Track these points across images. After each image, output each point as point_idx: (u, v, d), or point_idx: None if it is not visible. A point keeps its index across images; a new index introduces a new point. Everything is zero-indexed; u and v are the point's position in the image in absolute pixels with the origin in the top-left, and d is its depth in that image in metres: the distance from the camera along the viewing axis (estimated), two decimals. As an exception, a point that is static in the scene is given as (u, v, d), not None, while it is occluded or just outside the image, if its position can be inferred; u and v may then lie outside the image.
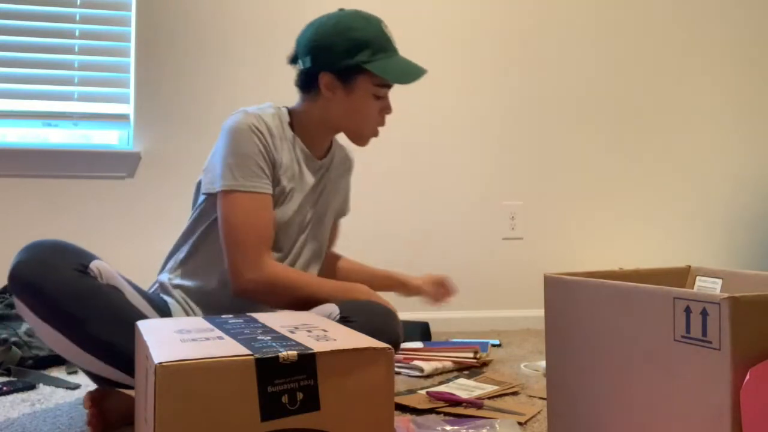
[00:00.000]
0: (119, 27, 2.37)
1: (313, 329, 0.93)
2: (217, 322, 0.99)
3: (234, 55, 2.41)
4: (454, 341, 2.13)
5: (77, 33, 2.34)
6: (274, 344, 0.82)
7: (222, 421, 0.74)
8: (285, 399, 0.77)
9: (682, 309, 0.82)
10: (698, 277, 1.17)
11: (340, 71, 1.42)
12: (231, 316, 1.06)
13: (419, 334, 2.16)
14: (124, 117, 2.36)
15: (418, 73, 1.45)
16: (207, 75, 2.39)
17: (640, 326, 0.88)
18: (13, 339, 1.74)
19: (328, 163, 1.56)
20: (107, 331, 1.19)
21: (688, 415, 0.81)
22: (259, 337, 0.86)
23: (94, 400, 1.23)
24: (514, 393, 1.52)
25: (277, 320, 1.01)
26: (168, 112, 2.36)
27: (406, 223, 2.53)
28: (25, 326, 1.80)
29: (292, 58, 1.50)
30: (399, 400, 1.40)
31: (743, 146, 2.79)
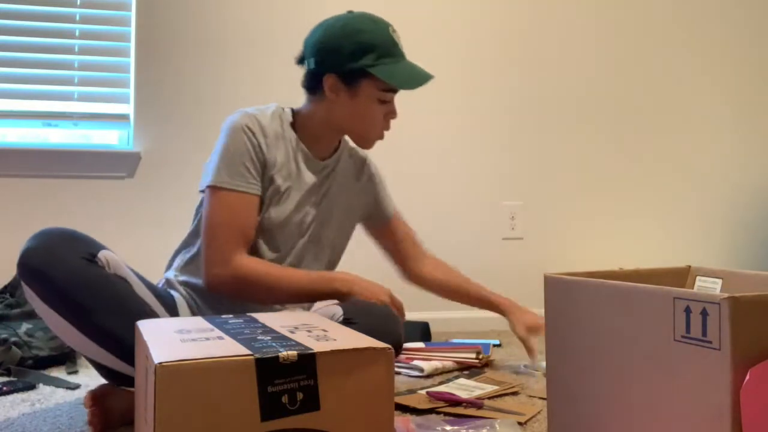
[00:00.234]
0: (119, 27, 2.37)
1: (313, 329, 0.93)
2: (217, 322, 0.99)
3: (234, 55, 2.41)
4: (455, 341, 2.13)
5: (77, 33, 2.34)
6: (274, 344, 0.82)
7: (222, 421, 0.74)
8: (285, 399, 0.77)
9: (682, 309, 0.82)
10: (698, 277, 1.17)
11: (345, 74, 1.42)
12: (231, 316, 1.06)
13: (419, 334, 2.16)
14: (124, 117, 2.36)
15: (423, 78, 1.45)
16: (207, 75, 2.39)
17: (640, 326, 0.88)
18: (13, 339, 1.74)
19: (334, 164, 1.55)
20: (112, 321, 1.19)
21: (688, 415, 0.81)
22: (259, 337, 0.86)
23: (95, 399, 1.23)
24: (514, 393, 1.52)
25: (277, 320, 1.01)
26: (168, 112, 2.36)
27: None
28: (25, 326, 1.80)
29: (299, 59, 1.50)
30: (399, 400, 1.40)
31: (743, 146, 2.79)
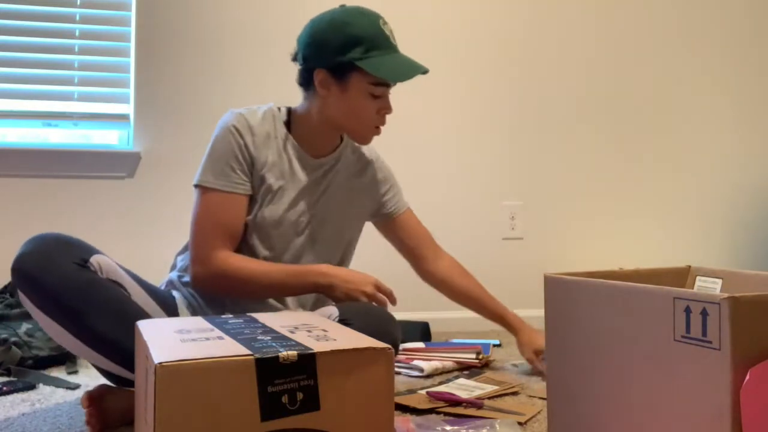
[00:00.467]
0: (119, 27, 2.37)
1: (313, 329, 0.93)
2: (217, 322, 0.99)
3: (234, 55, 2.41)
4: (455, 341, 2.13)
5: (77, 33, 2.34)
6: (274, 344, 0.82)
7: (222, 421, 0.74)
8: (285, 399, 0.77)
9: (682, 309, 0.82)
10: (698, 277, 1.17)
11: (334, 68, 1.40)
12: (231, 316, 1.06)
13: (419, 334, 2.16)
14: (124, 117, 2.36)
15: (412, 71, 1.41)
16: (207, 75, 2.39)
17: (640, 326, 0.88)
18: (13, 339, 1.74)
19: (333, 162, 1.53)
20: (106, 325, 1.20)
21: (688, 415, 0.81)
22: (259, 337, 0.86)
23: (93, 400, 1.23)
24: (514, 393, 1.52)
25: (277, 320, 1.01)
26: (168, 112, 2.36)
27: (406, 223, 2.52)
28: (25, 326, 1.80)
29: (293, 56, 1.50)
30: (399, 400, 1.40)
31: (743, 146, 2.79)
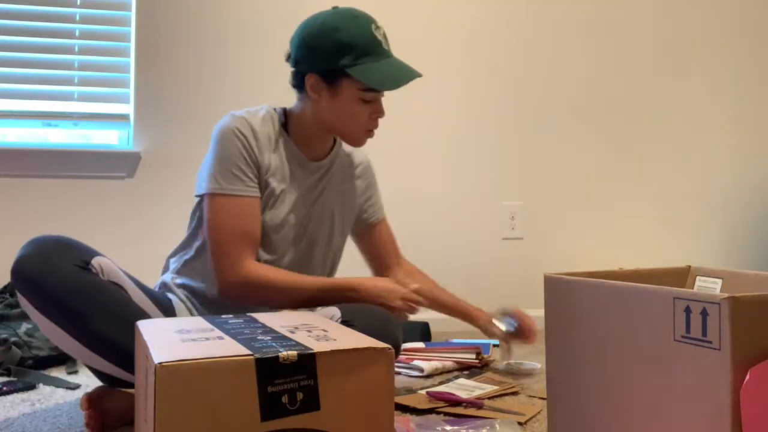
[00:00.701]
0: (119, 27, 2.37)
1: (313, 329, 0.93)
2: (217, 322, 0.99)
3: (234, 55, 2.41)
4: (455, 341, 2.13)
5: (77, 33, 2.34)
6: (274, 344, 0.82)
7: (222, 421, 0.74)
8: (285, 399, 0.77)
9: (682, 309, 0.82)
10: (698, 277, 1.17)
11: (325, 74, 1.39)
12: (231, 316, 1.06)
13: (419, 334, 2.16)
14: (124, 117, 2.36)
15: (403, 78, 1.40)
16: (207, 75, 2.39)
17: (640, 326, 0.88)
18: (13, 339, 1.74)
19: (329, 165, 1.54)
20: (107, 327, 1.19)
21: (688, 415, 0.81)
22: (259, 337, 0.86)
23: (92, 402, 1.23)
24: (514, 393, 1.52)
25: (277, 320, 1.01)
26: (168, 112, 2.36)
27: (405, 223, 2.52)
28: (25, 326, 1.80)
29: (287, 57, 1.49)
30: (399, 400, 1.40)
31: (743, 146, 2.79)
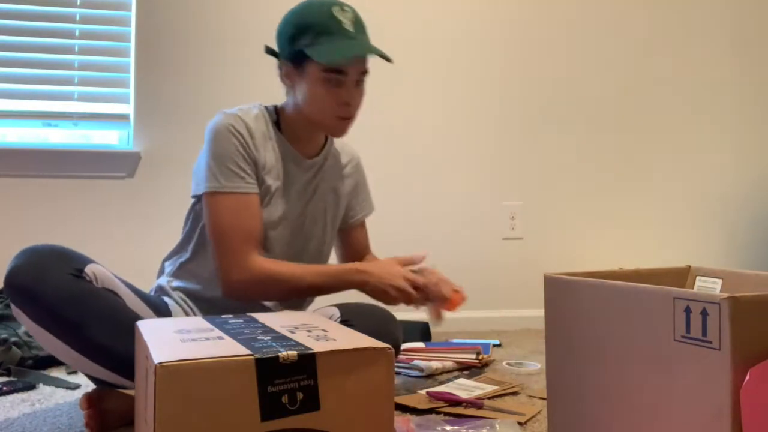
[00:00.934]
0: (119, 27, 2.37)
1: (313, 329, 0.93)
2: (217, 322, 0.99)
3: (234, 55, 2.41)
4: (455, 341, 2.13)
5: (77, 33, 2.34)
6: (274, 344, 0.82)
7: (222, 421, 0.74)
8: (285, 399, 0.77)
9: (682, 309, 0.82)
10: (698, 277, 1.17)
11: (293, 59, 1.39)
12: (231, 316, 1.06)
13: (419, 334, 2.16)
14: (124, 117, 2.36)
15: (352, 51, 1.35)
16: (207, 75, 2.39)
17: (640, 326, 0.88)
18: (13, 339, 1.74)
19: (322, 162, 1.53)
20: (102, 335, 1.18)
21: (688, 415, 0.81)
22: (259, 337, 0.86)
23: (91, 401, 1.23)
24: (514, 393, 1.52)
25: (277, 320, 1.01)
26: (168, 112, 2.36)
27: (406, 223, 2.53)
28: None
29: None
30: (399, 400, 1.40)
31: (743, 146, 2.79)
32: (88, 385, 1.55)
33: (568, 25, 2.66)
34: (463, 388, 1.53)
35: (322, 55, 1.34)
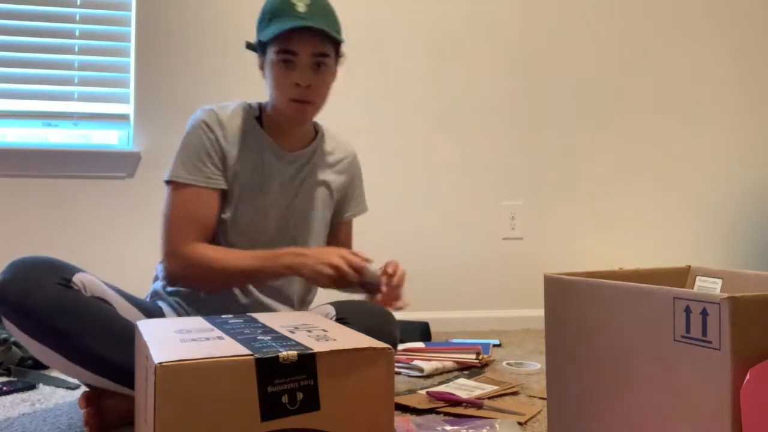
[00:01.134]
0: (119, 27, 2.37)
1: (313, 329, 0.93)
2: (217, 322, 0.99)
3: (234, 55, 2.41)
4: (455, 341, 2.13)
5: (77, 33, 2.34)
6: (274, 344, 0.82)
7: (222, 421, 0.74)
8: (285, 399, 0.77)
9: (682, 309, 0.82)
10: (698, 277, 1.17)
11: (258, 49, 1.42)
12: (231, 316, 1.06)
13: (419, 334, 2.16)
14: (124, 117, 2.36)
15: (288, 26, 1.33)
16: (207, 75, 2.39)
17: (640, 326, 0.88)
18: (13, 339, 1.74)
19: (309, 155, 1.51)
20: (95, 344, 1.18)
21: (688, 415, 0.81)
22: (259, 337, 0.86)
23: (90, 400, 1.23)
24: (514, 393, 1.52)
25: (277, 320, 1.01)
26: (168, 112, 2.36)
27: (406, 223, 2.53)
28: (25, 326, 1.79)
29: None
30: (399, 400, 1.40)
31: (743, 146, 2.79)
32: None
33: (569, 25, 2.66)
34: (463, 388, 1.53)
35: (267, 35, 1.37)
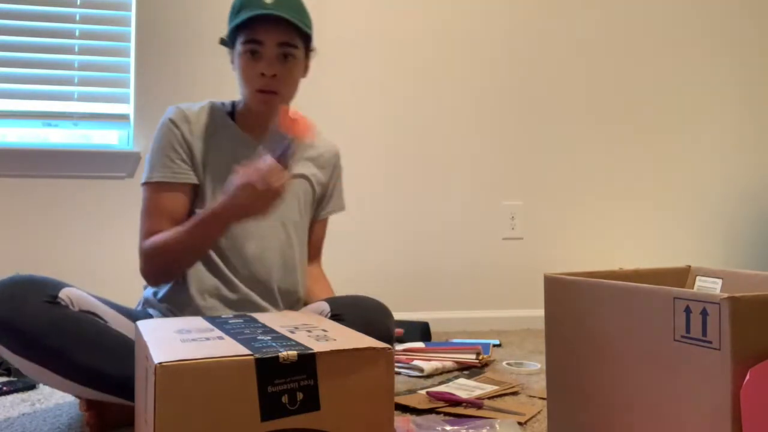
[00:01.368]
0: (119, 27, 2.36)
1: (313, 329, 0.93)
2: (217, 322, 0.99)
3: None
4: (455, 341, 2.13)
5: (77, 33, 2.34)
6: (274, 344, 0.82)
7: (222, 421, 0.74)
8: (285, 399, 0.77)
9: (682, 309, 0.82)
10: (698, 277, 1.17)
11: (230, 43, 1.43)
12: (231, 316, 1.06)
13: (419, 334, 2.16)
14: (124, 117, 2.36)
15: (251, 14, 1.33)
16: (207, 75, 2.39)
17: (640, 326, 0.88)
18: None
19: None
20: (87, 358, 1.16)
21: (688, 415, 0.81)
22: (259, 337, 0.86)
23: (91, 403, 1.23)
24: (514, 393, 1.52)
25: (277, 320, 1.01)
26: (168, 112, 2.36)
27: (406, 223, 2.53)
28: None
29: None
30: (399, 400, 1.40)
31: (743, 146, 2.79)
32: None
33: (568, 24, 2.66)
34: (463, 388, 1.53)
35: (232, 23, 1.37)
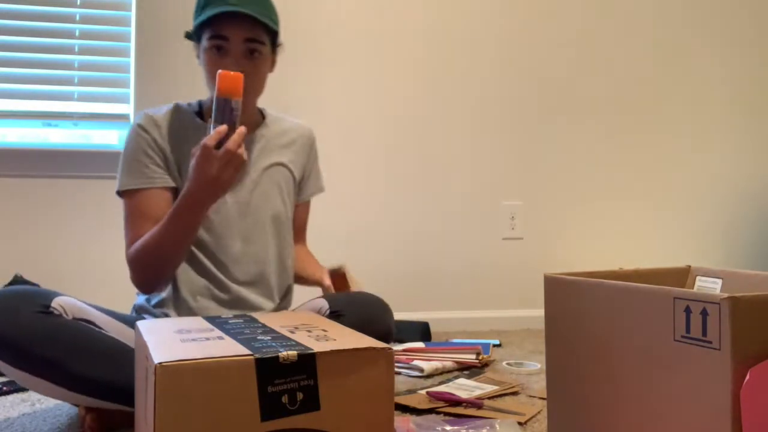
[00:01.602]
0: (119, 27, 2.36)
1: (313, 329, 0.93)
2: (217, 322, 0.99)
3: (234, 55, 2.41)
4: (455, 341, 2.13)
5: (77, 33, 2.34)
6: (274, 344, 0.82)
7: (222, 421, 0.74)
8: (285, 399, 0.77)
9: (682, 309, 0.82)
10: (698, 277, 1.17)
11: (195, 38, 1.42)
12: (231, 316, 1.06)
13: (419, 334, 2.16)
14: (124, 117, 2.36)
15: (216, 10, 1.32)
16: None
17: (640, 326, 0.88)
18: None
19: (257, 139, 1.49)
20: (84, 367, 1.16)
21: (688, 415, 0.81)
22: (259, 337, 0.86)
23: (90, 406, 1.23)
24: (514, 393, 1.52)
25: (277, 320, 1.01)
26: (168, 112, 2.36)
27: (405, 222, 2.53)
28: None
29: None
30: (399, 400, 1.40)
31: (744, 146, 2.79)
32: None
33: (569, 24, 2.66)
34: (463, 388, 1.53)
35: (196, 19, 1.37)
